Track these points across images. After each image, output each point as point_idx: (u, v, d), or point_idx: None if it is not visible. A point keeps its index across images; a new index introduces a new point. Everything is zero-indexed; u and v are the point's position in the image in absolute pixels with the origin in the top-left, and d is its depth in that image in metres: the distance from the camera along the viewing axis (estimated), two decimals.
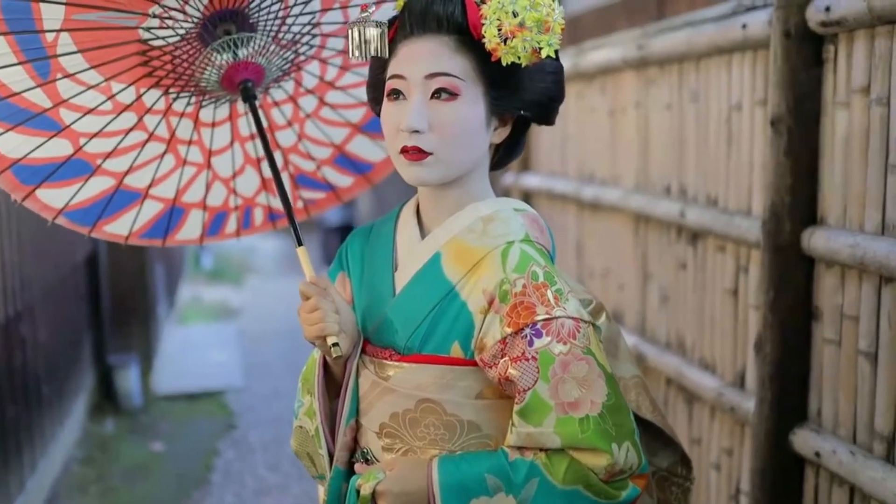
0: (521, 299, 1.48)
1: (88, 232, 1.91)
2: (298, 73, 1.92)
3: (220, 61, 1.74)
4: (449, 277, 1.55)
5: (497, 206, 1.59)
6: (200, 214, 2.00)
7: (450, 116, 1.52)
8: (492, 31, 1.48)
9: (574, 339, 1.47)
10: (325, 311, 1.54)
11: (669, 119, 2.91)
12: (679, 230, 2.86)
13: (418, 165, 1.53)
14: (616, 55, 3.19)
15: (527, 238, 1.55)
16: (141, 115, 1.82)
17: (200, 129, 1.91)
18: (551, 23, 1.49)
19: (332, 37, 1.85)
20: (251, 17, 1.72)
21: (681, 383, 2.83)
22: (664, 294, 2.99)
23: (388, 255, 1.65)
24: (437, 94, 1.52)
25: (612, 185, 3.36)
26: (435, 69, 1.52)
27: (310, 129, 2.01)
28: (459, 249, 1.56)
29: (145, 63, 1.73)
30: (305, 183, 2.06)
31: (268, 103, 1.96)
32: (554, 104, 1.61)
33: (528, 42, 1.48)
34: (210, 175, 1.97)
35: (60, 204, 1.84)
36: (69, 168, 1.80)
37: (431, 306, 1.55)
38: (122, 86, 1.75)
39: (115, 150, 1.84)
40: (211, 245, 9.30)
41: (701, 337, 2.76)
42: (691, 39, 2.67)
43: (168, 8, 1.64)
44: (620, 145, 3.29)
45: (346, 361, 1.62)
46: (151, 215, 1.95)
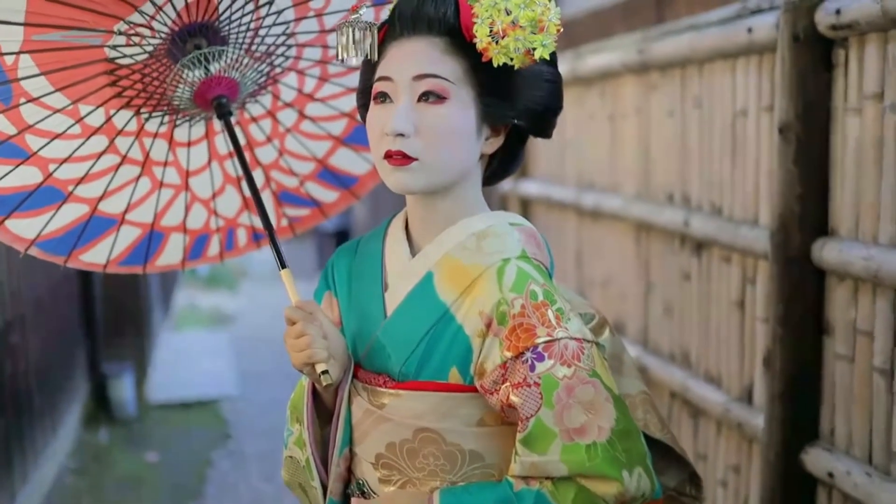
0: (521, 321, 1.40)
1: (64, 262, 1.82)
2: (275, 87, 1.84)
3: (192, 77, 1.66)
4: (443, 298, 1.47)
5: (491, 221, 1.51)
6: (181, 238, 1.92)
7: (437, 120, 1.43)
8: (483, 29, 1.40)
9: (578, 362, 1.38)
10: (312, 336, 1.46)
11: (672, 125, 2.83)
12: (683, 239, 2.78)
13: (402, 171, 1.45)
14: (615, 60, 3.11)
15: (523, 254, 1.47)
16: (112, 138, 1.74)
17: (176, 150, 1.83)
18: (546, 22, 1.40)
19: (308, 46, 1.77)
20: (222, 30, 1.65)
21: (685, 397, 2.75)
22: (668, 305, 2.91)
23: (376, 273, 1.57)
24: (425, 97, 1.44)
25: (612, 192, 3.29)
26: (423, 70, 1.44)
27: (291, 144, 1.93)
28: (452, 268, 1.48)
29: (114, 83, 1.66)
30: (289, 200, 1.98)
31: (245, 119, 1.88)
32: (550, 114, 1.52)
33: (520, 41, 1.39)
34: (189, 197, 1.89)
35: (32, 234, 1.75)
36: (39, 196, 1.71)
37: (425, 330, 1.46)
38: (90, 108, 1.67)
39: (87, 176, 1.75)
40: None
41: (706, 350, 2.69)
42: (694, 43, 2.59)
43: (134, 24, 1.56)
44: (621, 152, 3.21)
45: (338, 388, 1.53)
46: (129, 242, 1.87)
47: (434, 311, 1.46)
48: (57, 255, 1.81)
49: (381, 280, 1.56)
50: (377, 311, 1.54)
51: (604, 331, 1.60)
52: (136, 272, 1.92)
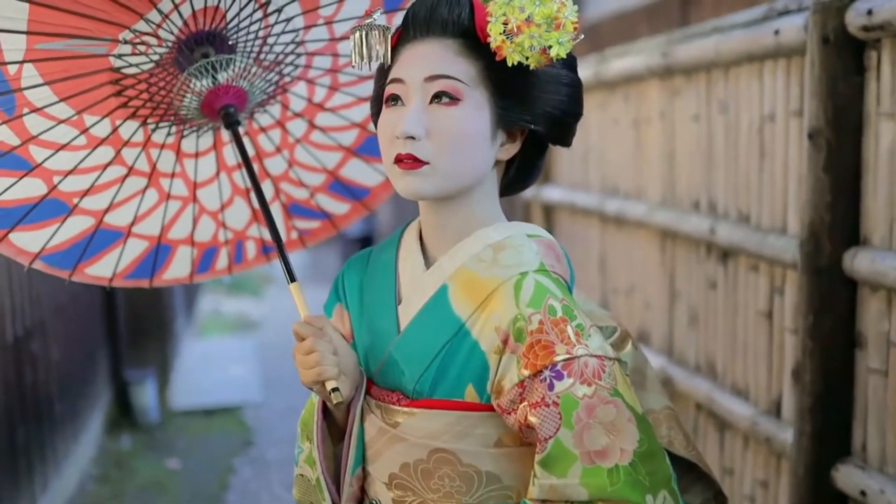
0: (539, 337, 1.34)
1: (69, 276, 1.78)
2: (285, 96, 1.79)
3: (199, 87, 1.62)
4: (458, 313, 1.41)
5: (508, 232, 1.45)
6: (189, 251, 1.87)
7: (449, 122, 1.38)
8: (497, 27, 1.35)
9: (599, 380, 1.32)
10: (322, 353, 1.41)
11: (697, 130, 2.76)
12: (709, 247, 2.71)
13: (412, 175, 1.39)
14: (639, 63, 3.05)
15: (542, 268, 1.41)
16: (118, 149, 1.70)
17: (183, 161, 1.79)
18: (562, 20, 1.35)
19: (318, 55, 1.73)
20: (230, 38, 1.60)
21: (711, 409, 2.68)
22: (693, 314, 2.84)
23: (389, 286, 1.51)
24: (437, 99, 1.39)
25: (636, 199, 3.22)
26: (435, 71, 1.39)
27: (300, 155, 1.88)
28: (468, 281, 1.42)
29: (119, 93, 1.61)
30: (299, 212, 1.93)
31: (254, 129, 1.83)
32: (569, 120, 1.46)
33: (535, 39, 1.34)
34: (196, 209, 1.84)
35: (36, 247, 1.71)
36: (44, 209, 1.67)
37: (440, 346, 1.41)
38: (95, 118, 1.63)
39: (93, 188, 1.71)
40: None
41: (733, 361, 2.61)
42: (720, 46, 2.52)
43: (140, 33, 1.52)
44: (645, 158, 3.14)
45: (350, 405, 1.48)
46: (136, 255, 1.82)
47: (449, 326, 1.41)
48: (62, 269, 1.77)
49: (395, 293, 1.50)
50: (390, 325, 1.48)
51: (626, 345, 1.53)
52: (142, 286, 1.87)
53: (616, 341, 1.51)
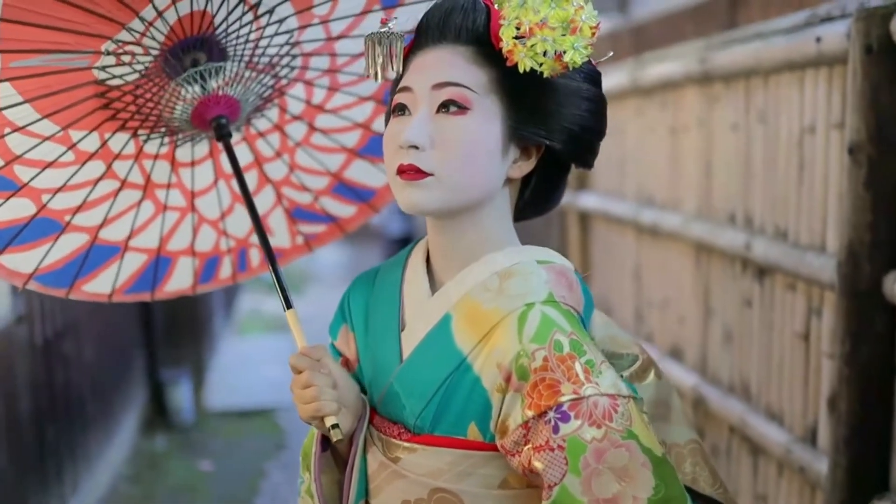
0: (543, 375, 1.24)
1: (66, 294, 1.73)
2: (282, 99, 1.73)
3: (190, 95, 1.55)
4: (459, 346, 1.32)
5: (517, 258, 1.36)
6: (190, 262, 1.81)
7: (456, 132, 1.30)
8: (509, 31, 1.26)
9: (610, 422, 1.22)
10: (319, 387, 1.33)
11: (735, 140, 2.64)
12: (744, 263, 2.59)
13: (414, 187, 1.31)
14: (677, 69, 2.93)
15: (550, 298, 1.31)
16: (109, 163, 1.64)
17: (179, 171, 1.73)
18: (579, 23, 1.25)
19: (314, 55, 1.65)
20: (220, 42, 1.54)
21: (745, 433, 2.56)
22: (728, 332, 2.72)
23: (393, 310, 1.43)
24: (445, 108, 1.31)
25: (672, 209, 3.10)
26: (443, 79, 1.31)
27: (301, 159, 1.81)
28: (472, 312, 1.33)
29: (106, 106, 1.55)
30: (303, 216, 1.87)
31: (252, 135, 1.77)
32: (588, 138, 1.36)
33: (548, 43, 1.24)
34: (196, 218, 1.78)
35: (30, 268, 1.66)
36: (34, 228, 1.62)
37: (441, 380, 1.32)
38: (82, 133, 1.57)
39: (85, 204, 1.65)
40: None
41: (768, 383, 2.49)
42: (759, 53, 2.40)
43: (123, 43, 1.45)
44: (682, 167, 3.03)
45: (352, 436, 1.40)
46: (135, 269, 1.77)
47: (450, 359, 1.32)
48: (58, 288, 1.71)
49: (398, 318, 1.42)
50: (393, 353, 1.40)
51: (647, 375, 1.43)
52: (143, 300, 1.82)
53: (637, 371, 1.41)
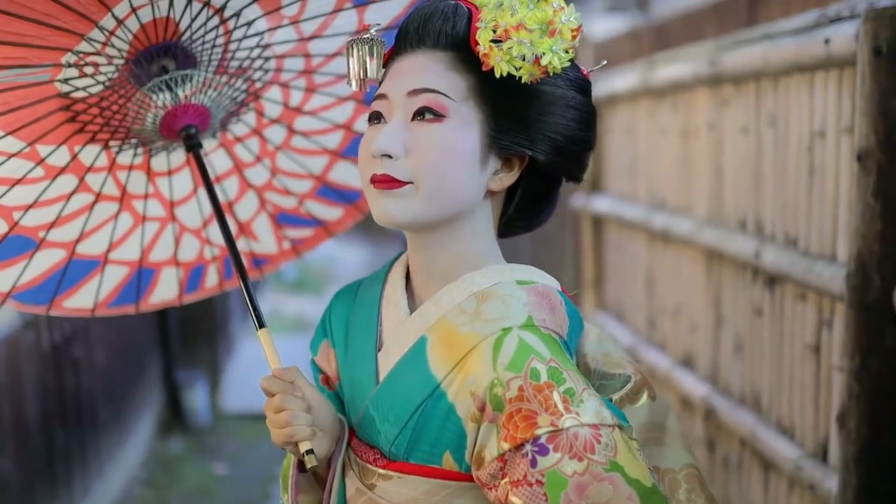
0: (519, 406, 1.17)
1: (46, 311, 1.69)
2: (258, 103, 1.68)
3: (158, 105, 1.51)
4: (434, 372, 1.26)
5: (497, 278, 1.29)
6: (174, 272, 1.77)
7: (430, 140, 1.24)
8: (486, 34, 1.21)
9: (592, 454, 1.15)
10: (292, 412, 1.27)
11: (745, 144, 2.56)
12: (755, 272, 2.51)
13: (389, 197, 1.26)
14: (687, 70, 2.85)
15: (528, 322, 1.24)
16: (81, 176, 1.59)
17: (156, 180, 1.68)
18: (558, 25, 1.20)
19: (288, 57, 1.60)
20: (188, 49, 1.49)
21: (755, 447, 2.48)
22: (739, 341, 2.64)
23: (371, 328, 1.38)
24: (420, 115, 1.25)
25: (683, 214, 3.02)
26: (418, 85, 1.26)
27: (283, 163, 1.76)
28: (447, 335, 1.27)
29: (72, 119, 1.51)
30: (289, 221, 1.82)
31: (229, 140, 1.72)
32: (573, 149, 1.29)
33: (525, 45, 1.19)
34: (177, 228, 1.74)
35: (6, 287, 1.62)
36: (7, 247, 1.58)
37: (415, 406, 1.26)
38: (50, 148, 1.52)
39: (59, 219, 1.61)
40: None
41: (778, 395, 2.41)
42: (768, 55, 2.32)
43: (84, 54, 1.41)
44: (693, 171, 2.95)
45: (330, 458, 1.35)
46: (116, 282, 1.73)
47: (424, 385, 1.26)
48: (37, 305, 1.67)
49: (376, 337, 1.37)
50: (369, 374, 1.35)
51: (640, 396, 1.36)
52: (128, 313, 1.78)
53: (628, 393, 1.35)
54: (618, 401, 1.33)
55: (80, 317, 1.76)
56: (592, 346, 1.41)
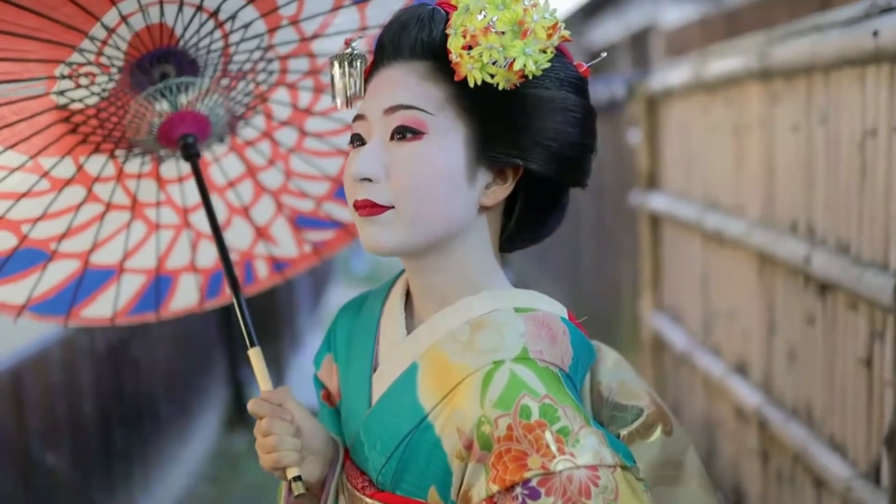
0: (508, 446, 1.09)
1: (64, 322, 1.70)
2: (266, 105, 1.64)
3: (155, 112, 1.48)
4: (422, 402, 1.19)
5: (494, 305, 1.21)
6: (193, 279, 1.76)
7: (410, 159, 1.16)
8: (457, 41, 1.12)
9: (588, 499, 1.06)
10: (279, 437, 1.23)
11: (796, 142, 2.42)
12: (806, 278, 2.37)
13: (373, 224, 1.19)
14: (737, 64, 2.71)
15: (523, 355, 1.15)
16: (89, 187, 1.58)
17: (167, 187, 1.66)
18: (530, 24, 1.10)
19: (292, 58, 1.56)
20: (186, 55, 1.45)
21: (807, 463, 2.34)
22: (791, 350, 2.50)
23: (368, 347, 1.31)
24: (399, 134, 1.18)
25: (736, 215, 2.88)
26: (393, 102, 1.18)
27: (297, 165, 1.73)
28: (438, 364, 1.19)
29: (73, 130, 1.49)
30: (307, 224, 1.79)
31: (239, 144, 1.69)
32: (569, 154, 1.19)
33: (494, 50, 1.10)
34: (193, 234, 1.72)
35: (21, 299, 1.63)
36: (19, 260, 1.58)
37: (401, 436, 1.20)
38: (54, 160, 1.51)
39: (70, 230, 1.60)
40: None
41: (831, 409, 2.27)
42: (816, 48, 2.18)
43: (78, 65, 1.38)
44: (745, 170, 2.81)
45: (324, 480, 1.30)
46: (134, 290, 1.72)
47: (412, 415, 1.20)
48: (55, 316, 1.68)
49: (372, 357, 1.30)
50: (363, 395, 1.29)
51: (653, 431, 1.27)
52: (148, 320, 1.78)
53: (639, 428, 1.26)
54: (626, 436, 1.25)
55: (99, 325, 1.77)
56: (608, 372, 1.32)
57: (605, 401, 1.29)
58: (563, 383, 1.15)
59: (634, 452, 1.20)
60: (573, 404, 1.13)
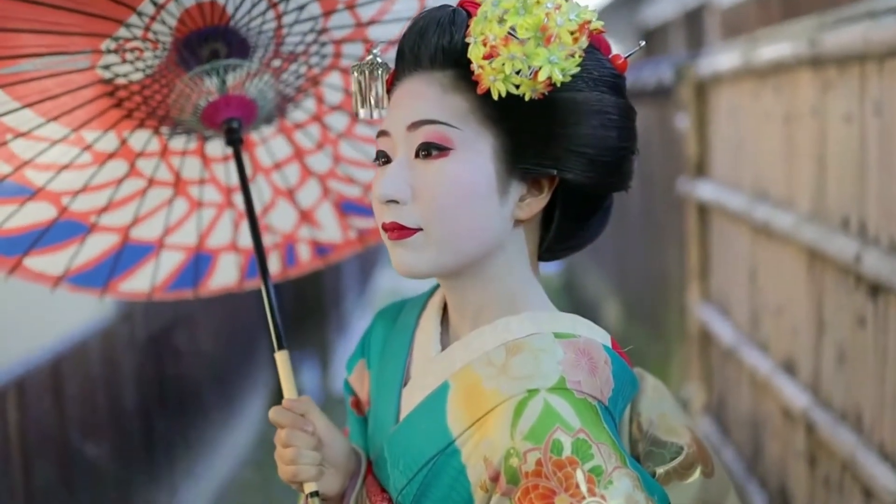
0: (536, 482, 1.03)
1: (100, 294, 1.71)
2: (317, 89, 1.61)
3: (203, 91, 1.45)
4: (450, 426, 1.13)
5: (533, 328, 1.15)
6: (233, 258, 1.76)
7: (437, 178, 1.11)
8: (478, 50, 1.05)
9: None
10: (298, 449, 1.19)
11: (849, 133, 2.29)
12: (857, 277, 2.25)
13: (402, 247, 1.13)
14: (787, 50, 2.59)
15: (560, 385, 1.08)
16: (132, 161, 1.58)
17: (211, 166, 1.65)
18: (554, 30, 1.02)
19: (346, 42, 1.52)
20: (238, 34, 1.42)
21: (856, 472, 2.23)
22: (841, 351, 2.39)
23: (401, 359, 1.27)
24: (425, 151, 1.12)
25: (785, 207, 2.76)
26: (416, 117, 1.12)
27: (346, 150, 1.70)
28: (470, 388, 1.14)
29: (118, 105, 1.48)
30: (353, 210, 1.76)
31: (288, 127, 1.67)
32: (610, 159, 1.12)
33: (517, 60, 1.02)
34: (235, 214, 1.71)
35: (58, 270, 1.64)
36: (58, 231, 1.60)
37: (426, 459, 1.15)
38: (97, 133, 1.51)
39: (111, 204, 1.61)
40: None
41: (881, 416, 2.16)
42: (869, 35, 2.05)
43: (125, 39, 1.36)
44: (796, 160, 2.68)
45: (345, 494, 1.26)
46: (173, 266, 1.73)
47: (439, 438, 1.14)
48: (91, 288, 1.70)
49: (404, 369, 1.26)
50: (391, 409, 1.25)
51: (692, 472, 1.19)
52: (185, 297, 1.79)
53: (677, 467, 1.19)
54: (663, 475, 1.18)
55: (140, 300, 1.78)
56: (649, 404, 1.24)
57: (644, 434, 1.22)
58: (601, 417, 1.09)
59: (671, 493, 1.14)
60: (610, 441, 1.06)
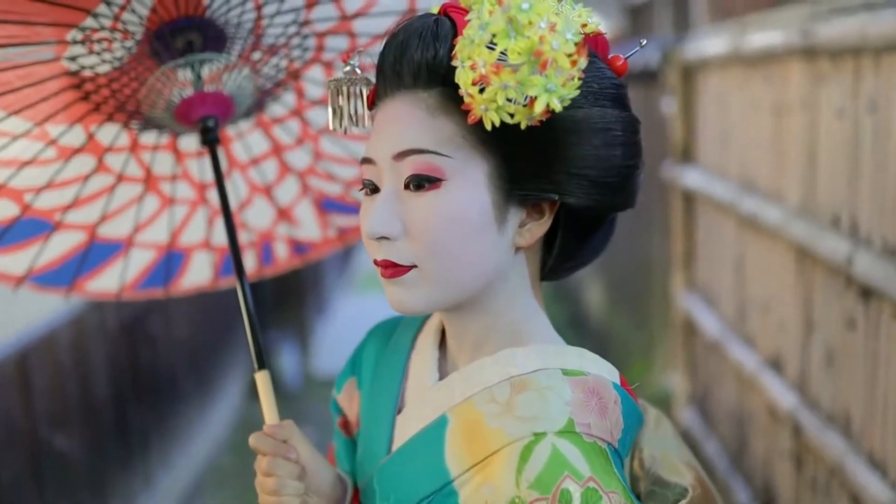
0: None
1: (66, 293, 1.63)
2: (298, 83, 1.52)
3: (177, 84, 1.35)
4: (449, 464, 1.05)
5: (540, 363, 1.06)
6: (207, 256, 1.68)
7: (428, 213, 1.01)
8: (465, 75, 0.94)
9: None
10: (280, 480, 1.11)
11: (841, 129, 2.21)
12: (848, 279, 2.18)
13: (396, 285, 1.04)
14: (778, 39, 2.50)
15: (568, 428, 1.00)
16: (100, 157, 1.49)
17: (185, 161, 1.56)
18: (549, 55, 0.90)
19: (329, 35, 1.44)
20: (215, 24, 1.32)
21: (844, 478, 2.18)
22: (830, 352, 2.32)
23: (394, 384, 1.19)
24: (416, 183, 1.02)
25: (774, 200, 2.68)
26: (404, 145, 1.02)
27: (327, 147, 1.62)
28: (471, 426, 1.05)
29: (85, 98, 1.38)
30: (333, 208, 1.69)
31: (266, 121, 1.59)
32: (614, 179, 1.03)
33: (511, 89, 0.91)
34: (209, 211, 1.63)
35: (21, 269, 1.57)
36: (20, 230, 1.51)
37: (419, 497, 1.07)
38: (62, 128, 1.42)
39: (77, 201, 1.53)
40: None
41: (871, 421, 2.10)
42: (866, 27, 1.96)
43: (92, 30, 1.26)
44: (785, 153, 2.60)
45: None
46: (144, 265, 1.65)
47: (435, 476, 1.06)
48: (57, 287, 1.62)
49: (398, 396, 1.18)
50: (383, 438, 1.16)
51: None
52: (156, 297, 1.71)
53: None
54: None
55: (108, 300, 1.71)
56: (651, 439, 1.17)
57: (647, 472, 1.15)
58: (611, 461, 1.01)
59: None
60: (620, 488, 0.99)
